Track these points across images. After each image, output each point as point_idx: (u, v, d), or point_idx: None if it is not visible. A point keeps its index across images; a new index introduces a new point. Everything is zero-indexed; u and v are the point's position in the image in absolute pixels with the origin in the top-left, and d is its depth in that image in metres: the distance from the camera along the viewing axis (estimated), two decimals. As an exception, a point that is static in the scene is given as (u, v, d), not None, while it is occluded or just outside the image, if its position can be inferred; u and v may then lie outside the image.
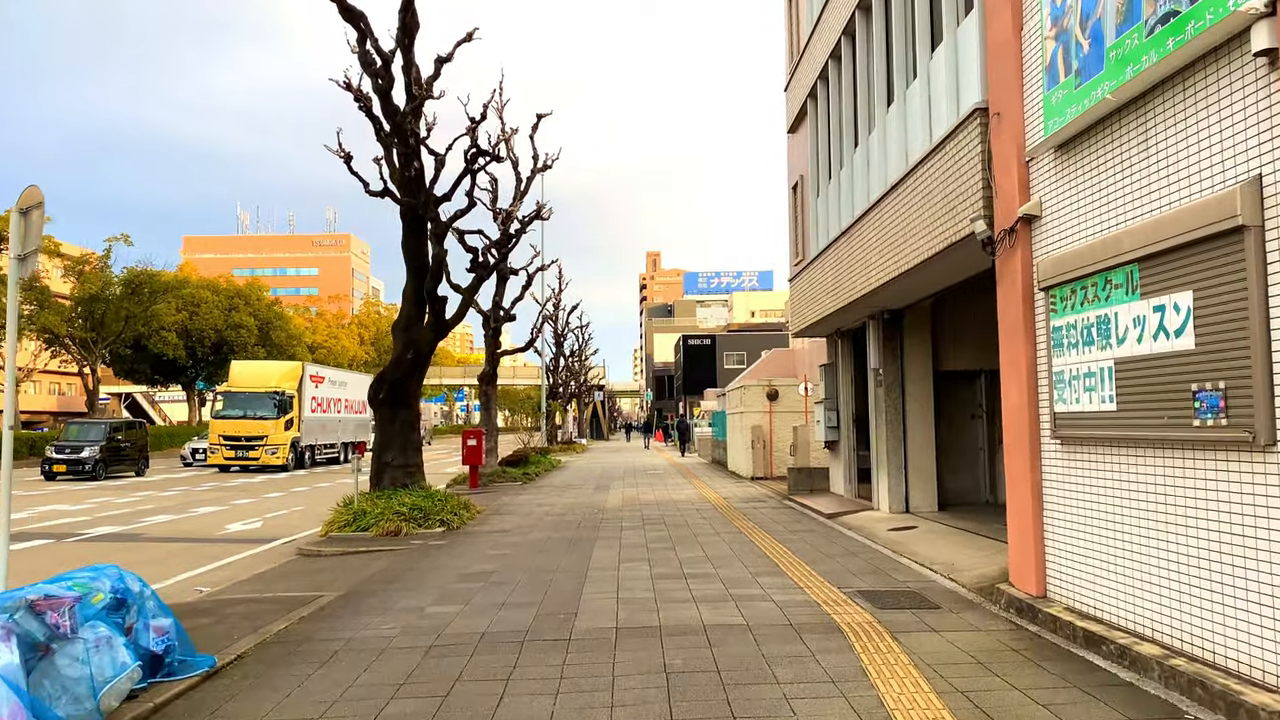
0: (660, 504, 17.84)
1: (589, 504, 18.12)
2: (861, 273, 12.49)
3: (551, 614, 7.87)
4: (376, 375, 16.62)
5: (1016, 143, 7.65)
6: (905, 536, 11.82)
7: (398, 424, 16.26)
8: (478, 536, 13.55)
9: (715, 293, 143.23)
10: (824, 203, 15.24)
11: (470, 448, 22.87)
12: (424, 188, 15.76)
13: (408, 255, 16.69)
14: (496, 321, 25.53)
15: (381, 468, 16.23)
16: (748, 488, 21.58)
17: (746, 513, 15.77)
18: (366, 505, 14.74)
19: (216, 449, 33.82)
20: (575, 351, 60.93)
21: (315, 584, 9.98)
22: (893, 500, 14.00)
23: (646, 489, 22.00)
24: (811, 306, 15.89)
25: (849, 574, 9.49)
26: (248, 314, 51.76)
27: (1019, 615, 7.38)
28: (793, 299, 17.67)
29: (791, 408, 24.76)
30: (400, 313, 16.91)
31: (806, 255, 16.90)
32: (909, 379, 14.10)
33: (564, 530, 13.90)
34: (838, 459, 17.22)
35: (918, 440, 14.01)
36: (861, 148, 12.93)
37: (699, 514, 15.79)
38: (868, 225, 12.12)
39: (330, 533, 14.10)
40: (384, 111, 15.73)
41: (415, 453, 16.45)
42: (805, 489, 18.08)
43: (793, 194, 17.86)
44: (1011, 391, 7.81)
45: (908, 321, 14.14)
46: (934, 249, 9.50)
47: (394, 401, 16.24)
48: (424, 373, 16.69)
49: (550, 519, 15.60)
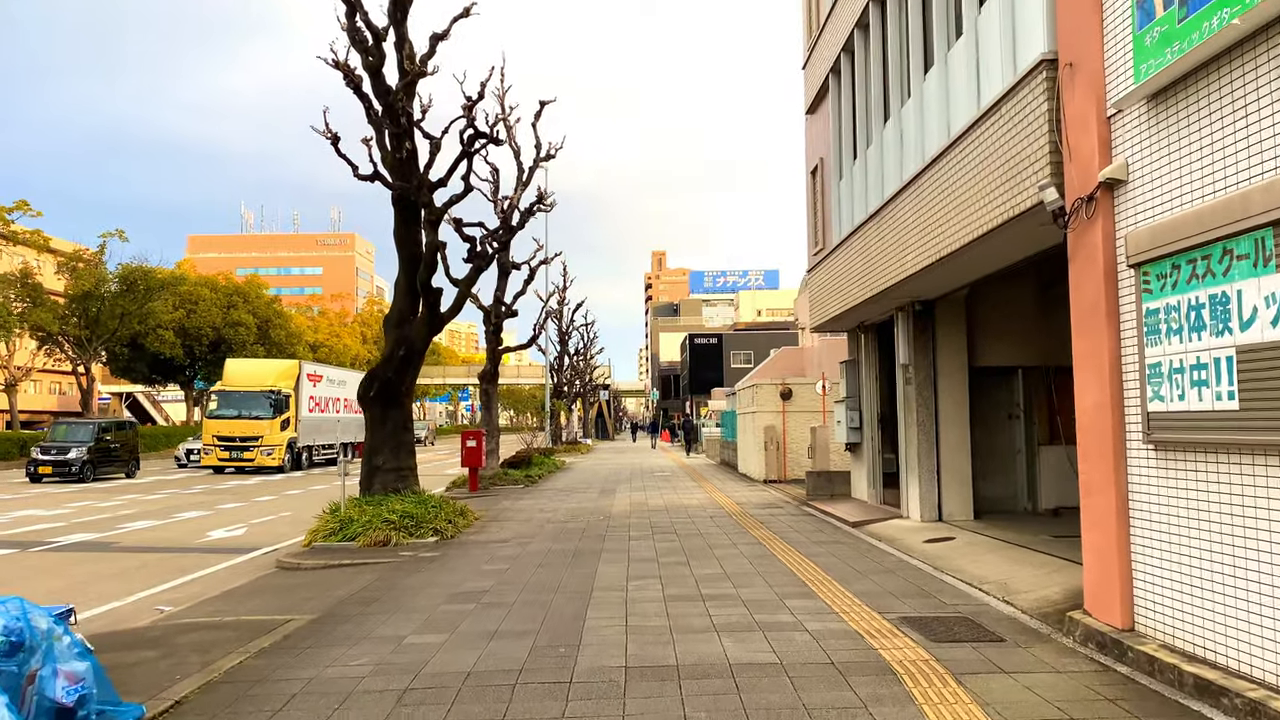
0: (670, 510, 16.73)
1: (594, 510, 17.01)
2: (894, 258, 11.36)
3: (550, 646, 6.76)
4: (367, 373, 15.53)
5: (1095, 96, 6.51)
6: (944, 550, 10.69)
7: (389, 425, 15.17)
8: (473, 547, 12.45)
9: (721, 292, 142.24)
10: (848, 185, 14.10)
11: (469, 449, 21.78)
12: (416, 171, 14.67)
13: (400, 244, 15.60)
14: (498, 317, 24.43)
15: (372, 471, 15.14)
16: (761, 492, 20.45)
17: (763, 520, 14.65)
18: (354, 513, 13.65)
19: (210, 450, 32.78)
20: (580, 350, 59.84)
21: (287, 604, 8.88)
22: (924, 508, 12.87)
23: (654, 493, 20.89)
24: (834, 298, 14.76)
25: (889, 596, 8.36)
26: (246, 312, 50.72)
27: (1102, 652, 6.24)
28: (812, 291, 16.54)
29: (806, 407, 23.63)
30: (392, 306, 15.82)
31: (827, 244, 15.78)
32: (942, 375, 12.96)
33: (567, 540, 12.80)
34: (860, 462, 16.09)
35: (951, 442, 12.88)
36: (893, 122, 11.80)
37: (712, 522, 14.67)
38: (902, 205, 10.99)
39: (314, 542, 13.01)
40: (375, 90, 14.65)
41: (408, 455, 15.36)
42: (825, 494, 16.96)
43: (811, 179, 16.74)
44: (1089, 388, 6.68)
45: (940, 313, 13.00)
46: (986, 226, 8.37)
47: (385, 400, 15.15)
48: (417, 370, 15.60)
49: (552, 527, 14.49)
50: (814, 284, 16.35)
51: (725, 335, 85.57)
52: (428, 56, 14.91)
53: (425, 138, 16.44)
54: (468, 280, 15.92)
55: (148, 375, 50.65)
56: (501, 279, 25.02)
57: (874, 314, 14.38)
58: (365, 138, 14.68)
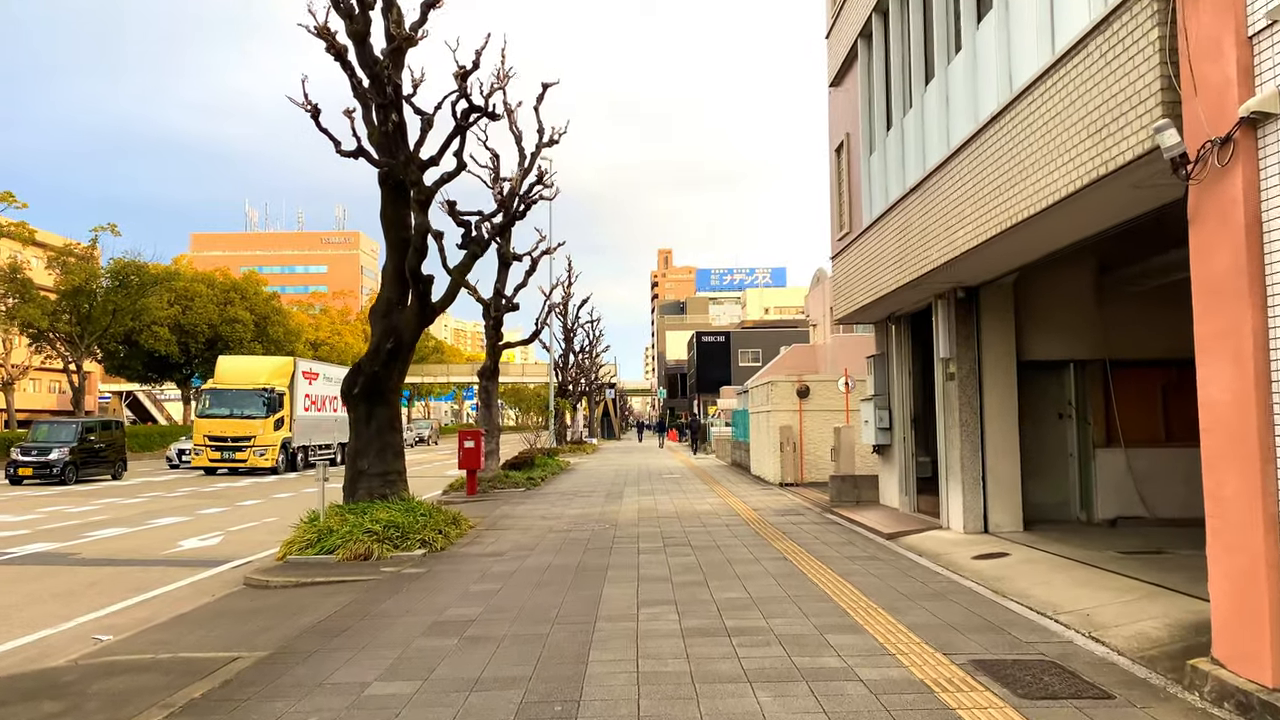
0: (682, 517, 15.39)
1: (599, 517, 15.69)
2: (939, 237, 10.01)
3: (545, 701, 5.44)
4: (351, 367, 14.23)
5: (1232, 11, 5.16)
6: (999, 569, 9.34)
7: (374, 424, 13.86)
8: (464, 561, 11.14)
9: (728, 290, 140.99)
10: (880, 159, 12.76)
11: (467, 450, 20.49)
12: (404, 146, 13.36)
13: (387, 227, 14.27)
14: (497, 310, 23.11)
15: (356, 476, 13.83)
16: (779, 496, 19.10)
17: (786, 530, 13.31)
18: (334, 522, 12.36)
19: (201, 450, 31.54)
20: (585, 348, 58.55)
21: (239, 636, 7.58)
22: (967, 518, 11.52)
23: (664, 497, 19.56)
24: (863, 286, 13.41)
25: (951, 630, 7.02)
26: (244, 308, 49.47)
27: (1245, 716, 4.90)
28: (837, 280, 15.19)
29: (824, 406, 22.28)
30: (379, 295, 14.51)
31: (854, 227, 14.43)
32: (987, 370, 11.61)
33: (569, 553, 11.48)
34: (890, 465, 14.73)
35: (998, 445, 11.53)
36: (937, 82, 10.45)
37: (729, 531, 13.33)
38: (950, 175, 9.65)
39: (289, 555, 11.72)
40: (360, 60, 13.35)
41: (395, 458, 14.05)
42: (850, 500, 15.61)
43: (836, 157, 15.38)
44: (1220, 377, 5.32)
45: (985, 301, 11.65)
46: (1064, 189, 7.03)
47: (370, 398, 13.84)
48: (406, 364, 14.29)
49: (554, 536, 13.18)
50: (839, 271, 15.00)
51: (733, 333, 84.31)
52: (418, 24, 13.61)
53: (416, 114, 15.16)
54: (462, 267, 14.64)
55: (143, 373, 49.47)
56: (502, 270, 23.72)
57: (908, 303, 13.03)
58: (348, 109, 13.37)
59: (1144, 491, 11.82)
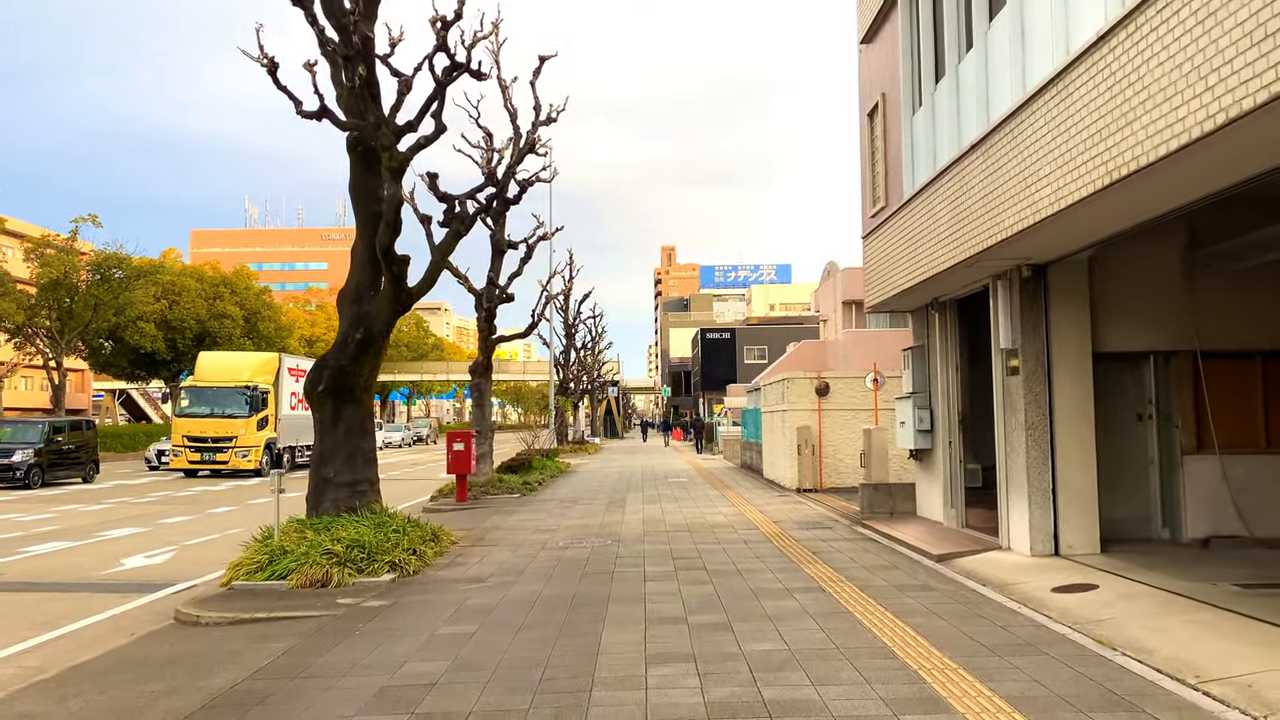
0: (693, 529, 13.63)
1: (600, 530, 13.93)
2: (1011, 200, 8.23)
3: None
4: (315, 361, 12.47)
5: None
6: (1093, 607, 7.56)
7: (342, 426, 12.10)
8: (438, 590, 9.39)
9: (732, 287, 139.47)
10: (928, 117, 10.97)
11: (456, 453, 18.72)
12: (373, 106, 11.58)
13: (357, 200, 12.52)
14: (490, 301, 21.33)
15: (321, 486, 12.07)
16: (798, 505, 17.32)
17: (815, 549, 11.52)
18: (290, 541, 10.61)
19: (180, 452, 29.80)
20: (587, 344, 56.77)
21: (126, 708, 5.82)
22: (1035, 536, 9.73)
23: (671, 504, 17.79)
24: (903, 267, 11.63)
25: (1066, 707, 5.22)
26: (233, 303, 47.69)
27: None
28: (869, 262, 13.40)
29: (845, 404, 20.50)
30: (348, 279, 12.75)
31: (890, 201, 12.65)
32: (1058, 362, 9.82)
33: (563, 580, 9.71)
34: (932, 473, 12.95)
35: (1071, 450, 9.74)
36: (1009, 10, 8.64)
37: (749, 550, 11.56)
38: (1028, 123, 7.86)
39: (235, 581, 9.99)
40: (326, 9, 11.61)
41: (366, 465, 12.28)
42: (883, 511, 13.82)
43: (868, 123, 13.58)
44: None
45: (1055, 282, 9.86)
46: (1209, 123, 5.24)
47: (337, 395, 12.08)
48: (379, 357, 12.52)
49: (546, 556, 11.42)
50: (872, 253, 13.20)
51: (738, 329, 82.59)
52: (394, -29, 11.86)
53: (394, 75, 13.37)
54: (443, 247, 12.88)
55: (129, 370, 47.75)
56: (496, 259, 21.95)
57: (956, 286, 11.24)
58: (309, 61, 11.60)
59: (1242, 506, 10.03)
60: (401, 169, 11.60)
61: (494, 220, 21.98)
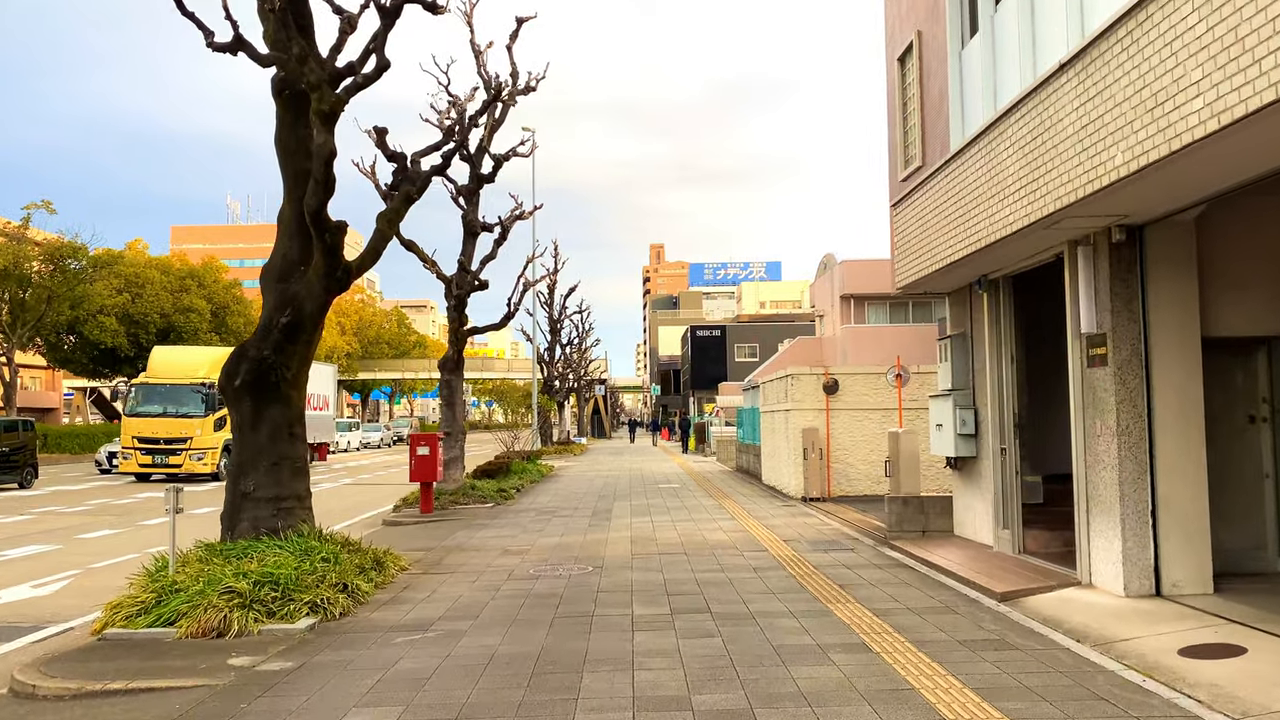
0: (690, 552, 11.51)
1: (580, 552, 11.79)
2: (1126, 130, 6.13)
3: None
4: (234, 350, 10.28)
5: None
6: (1254, 685, 5.46)
7: (265, 430, 9.92)
8: (365, 643, 7.24)
9: (722, 284, 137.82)
10: (986, 45, 8.87)
11: (420, 459, 16.55)
12: (299, 38, 9.37)
13: (284, 157, 10.36)
14: (461, 288, 19.14)
15: (237, 502, 9.90)
16: (808, 518, 15.22)
17: (840, 578, 9.41)
18: (185, 575, 8.45)
19: (130, 454, 27.48)
20: (573, 340, 54.56)
21: None
22: (1130, 571, 7.64)
23: (663, 516, 15.67)
24: (949, 235, 9.52)
25: None
26: (200, 296, 45.24)
27: None
28: (901, 233, 11.29)
29: (857, 403, 18.42)
30: (273, 251, 10.58)
31: (928, 159, 10.56)
32: (1158, 350, 7.74)
33: (528, 628, 7.57)
34: (974, 485, 10.85)
35: (1175, 461, 7.66)
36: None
37: (760, 581, 9.45)
38: (1162, 19, 5.76)
39: (109, 627, 7.84)
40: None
41: (295, 477, 10.10)
42: (914, 529, 11.72)
43: (899, 69, 11.47)
44: None
45: (1155, 247, 7.78)
46: None
47: (258, 392, 9.89)
48: (311, 345, 10.34)
49: (512, 590, 9.27)
50: (905, 222, 11.09)
51: (729, 327, 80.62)
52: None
53: (336, 13, 11.23)
54: (390, 213, 10.68)
55: (89, 367, 45.25)
56: (468, 241, 19.77)
57: (1016, 257, 9.15)
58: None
59: (1385, 532, 7.97)
60: (334, 113, 9.41)
61: (466, 199, 19.81)
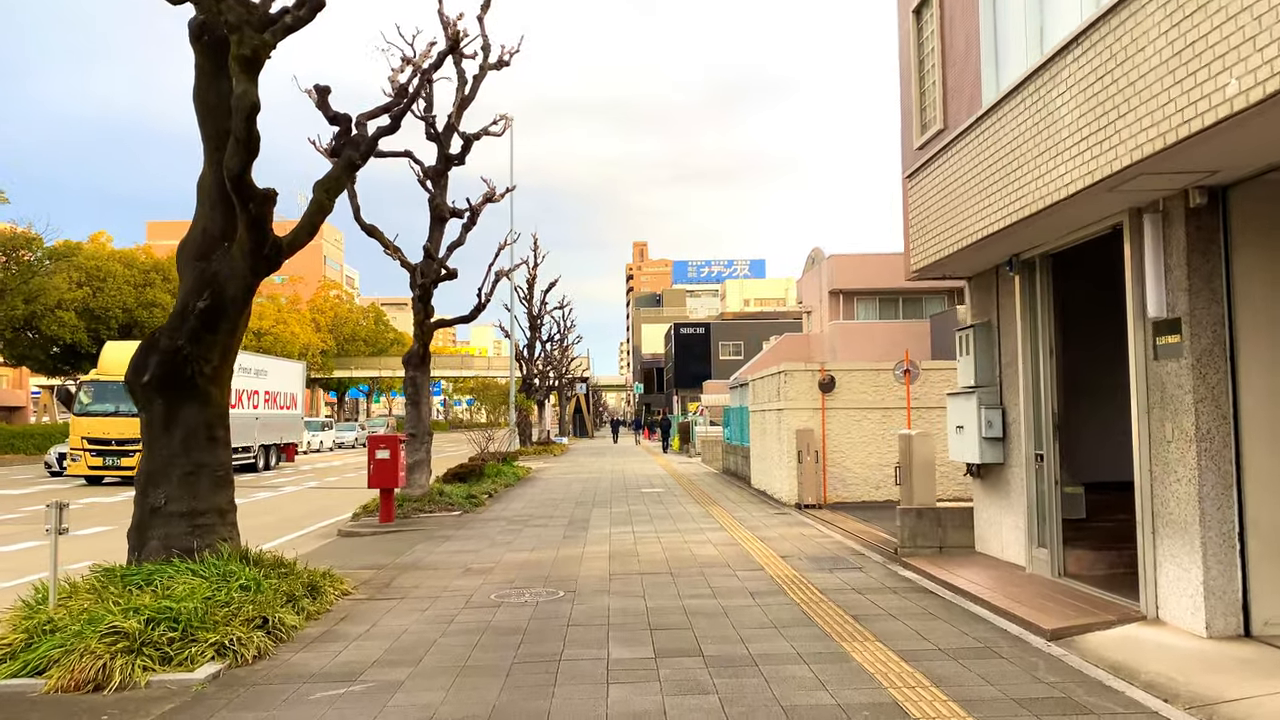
0: (676, 571, 10.10)
1: (552, 569, 10.35)
2: (1234, 55, 4.77)
3: None
4: (144, 340, 8.79)
5: None
6: None
7: (179, 433, 8.44)
8: (273, 700, 5.79)
9: (706, 282, 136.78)
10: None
11: (379, 464, 15.06)
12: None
13: (203, 113, 8.88)
14: (426, 276, 17.65)
15: (146, 518, 8.43)
16: (804, 527, 13.84)
17: (853, 607, 8.03)
18: (66, 612, 6.98)
19: (79, 456, 25.84)
20: (555, 337, 53.05)
21: None
22: (1213, 605, 6.30)
23: (645, 526, 14.27)
24: (980, 207, 8.15)
25: None
26: (166, 291, 43.44)
27: None
28: (916, 208, 9.90)
29: (855, 402, 17.07)
30: (191, 225, 9.08)
31: (952, 119, 9.19)
32: (1245, 337, 6.40)
33: (480, 677, 6.14)
34: (1004, 496, 9.50)
35: (1266, 474, 6.32)
36: None
37: (760, 610, 8.05)
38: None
39: (-35, 678, 6.35)
40: None
41: (215, 488, 8.62)
42: (929, 545, 10.35)
43: (914, 21, 10.09)
44: None
45: (1240, 213, 6.43)
46: None
47: (170, 389, 8.41)
48: (235, 337, 8.86)
49: (468, 622, 7.83)
50: (924, 192, 9.71)
51: (713, 324, 79.45)
52: None
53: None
54: (330, 184, 9.18)
55: (48, 363, 43.41)
56: (435, 227, 18.27)
57: (1060, 231, 7.79)
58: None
59: None
60: (257, 59, 7.93)
61: (434, 182, 18.33)
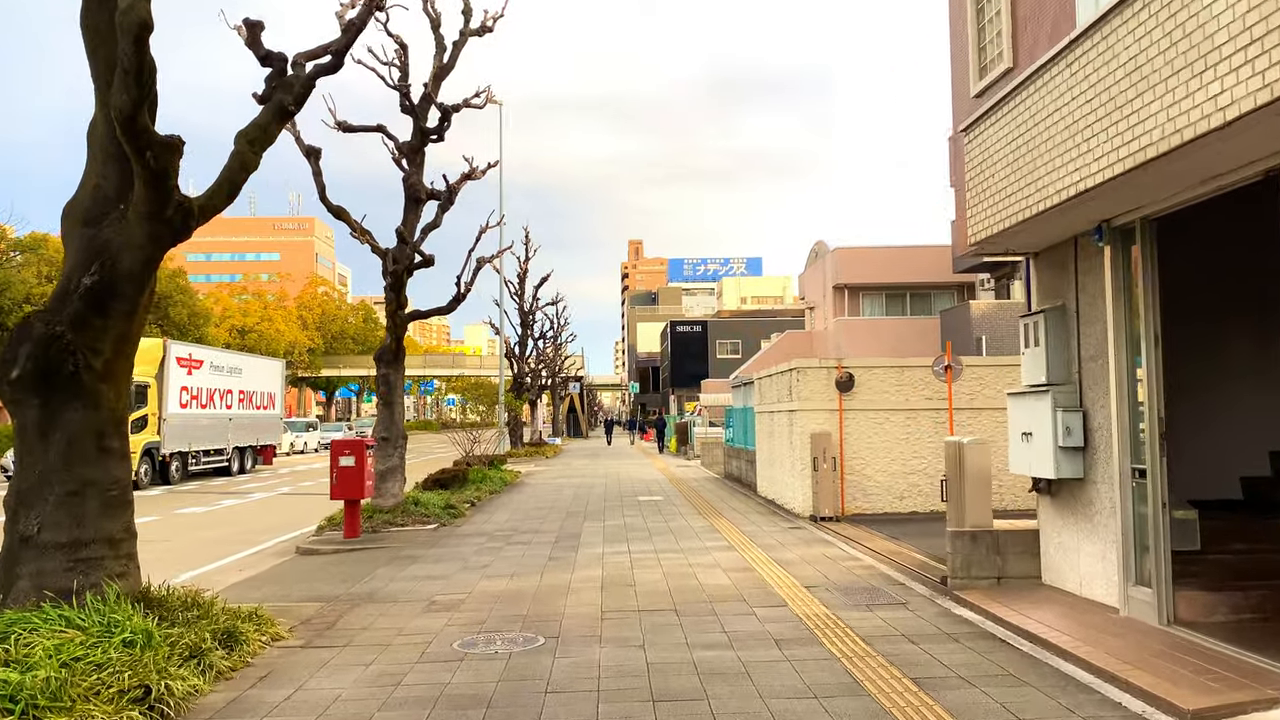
0: (683, 609, 8.36)
1: (531, 607, 8.60)
2: None
3: None
4: (17, 324, 7.06)
5: None
6: None
7: (59, 442, 6.72)
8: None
9: (702, 280, 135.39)
10: None
11: (343, 471, 13.35)
12: None
13: (92, 40, 7.13)
14: (399, 263, 15.88)
15: (16, 549, 6.70)
16: (825, 546, 12.13)
17: (912, 668, 6.31)
18: None
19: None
20: (547, 334, 51.28)
21: None
22: None
23: (643, 544, 12.54)
24: (1068, 157, 6.43)
25: None
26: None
27: None
28: (976, 166, 8.17)
29: (876, 403, 15.35)
30: (81, 183, 7.32)
31: (1023, 58, 7.48)
32: None
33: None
34: (1084, 519, 7.78)
35: None
36: None
37: (796, 675, 6.32)
38: None
39: None
40: None
41: (106, 512, 6.90)
42: (987, 574, 8.62)
43: (970, -56, 8.41)
44: None
45: None
46: None
47: (49, 387, 6.69)
48: (135, 320, 7.13)
49: (417, 686, 6.09)
50: (986, 149, 7.97)
51: (710, 322, 77.75)
52: None
53: None
54: (255, 133, 7.39)
55: (17, 362, 41.51)
56: (410, 209, 16.52)
57: (1174, 189, 6.08)
58: None
59: None
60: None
61: (409, 159, 16.58)
